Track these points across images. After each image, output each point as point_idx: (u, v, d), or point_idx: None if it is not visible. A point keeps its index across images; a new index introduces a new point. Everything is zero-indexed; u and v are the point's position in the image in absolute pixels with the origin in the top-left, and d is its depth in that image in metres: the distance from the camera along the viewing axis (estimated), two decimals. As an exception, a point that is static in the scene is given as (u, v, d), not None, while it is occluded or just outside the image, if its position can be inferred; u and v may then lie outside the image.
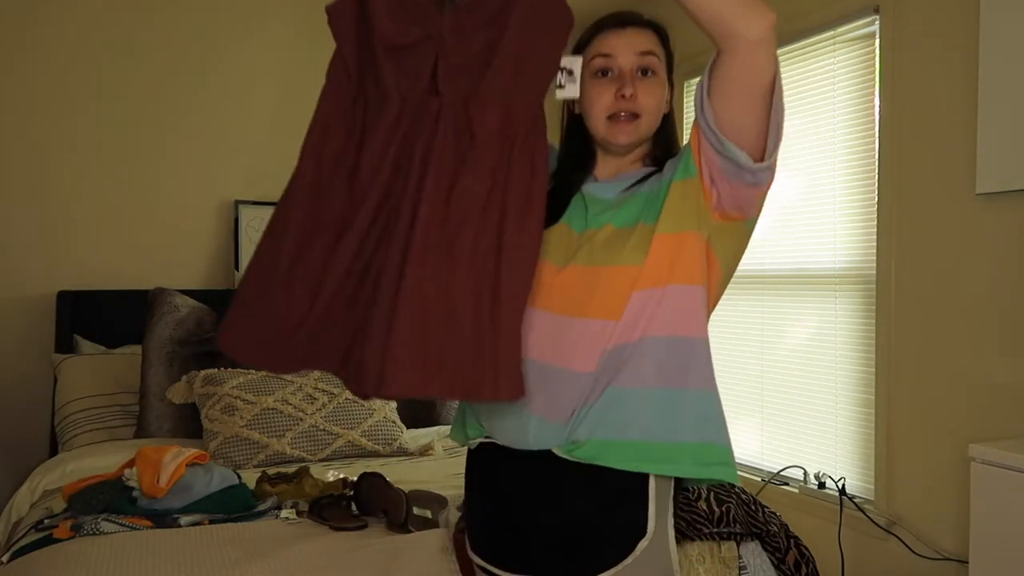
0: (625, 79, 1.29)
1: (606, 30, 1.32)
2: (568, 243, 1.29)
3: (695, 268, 1.23)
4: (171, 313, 2.93)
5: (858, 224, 2.78)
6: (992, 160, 2.27)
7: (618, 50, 1.30)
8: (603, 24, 1.34)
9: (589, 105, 1.32)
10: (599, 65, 1.31)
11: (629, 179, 1.33)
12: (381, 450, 2.68)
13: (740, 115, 1.18)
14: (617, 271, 1.22)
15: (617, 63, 1.30)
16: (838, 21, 2.80)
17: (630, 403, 1.21)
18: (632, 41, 1.31)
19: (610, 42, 1.31)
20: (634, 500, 1.22)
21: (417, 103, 1.23)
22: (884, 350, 2.65)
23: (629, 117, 1.29)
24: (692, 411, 1.21)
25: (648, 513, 1.22)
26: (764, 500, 2.86)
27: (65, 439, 2.77)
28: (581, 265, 1.25)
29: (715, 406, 1.23)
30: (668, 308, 1.21)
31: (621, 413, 1.21)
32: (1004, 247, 2.31)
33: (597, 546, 1.22)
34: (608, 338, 1.21)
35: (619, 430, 1.20)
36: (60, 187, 3.21)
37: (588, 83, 1.32)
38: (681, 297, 1.22)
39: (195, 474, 1.97)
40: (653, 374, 1.21)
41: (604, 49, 1.31)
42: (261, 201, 3.51)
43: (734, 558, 1.84)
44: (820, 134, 2.91)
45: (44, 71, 3.19)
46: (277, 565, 1.62)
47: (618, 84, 1.29)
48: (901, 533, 2.59)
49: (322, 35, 3.96)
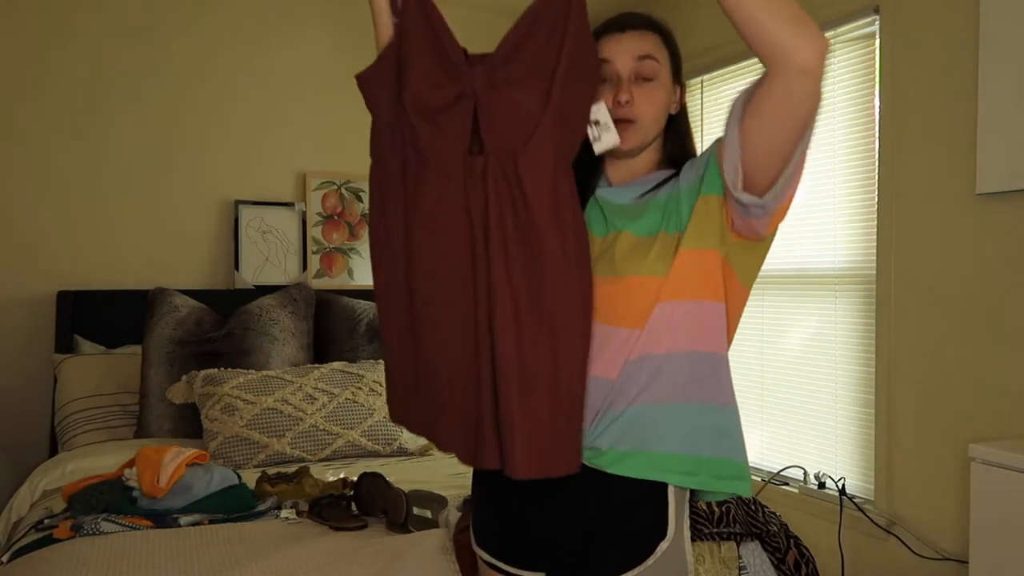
0: (622, 85, 1.28)
1: (605, 35, 1.31)
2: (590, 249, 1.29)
3: (717, 285, 1.23)
4: (171, 313, 2.93)
5: (858, 224, 2.78)
6: (992, 160, 2.27)
7: (616, 55, 1.29)
8: (603, 29, 1.33)
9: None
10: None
11: (645, 184, 1.32)
12: (381, 450, 2.68)
13: (767, 137, 1.14)
14: (640, 281, 1.22)
15: (615, 68, 1.29)
16: (838, 21, 2.80)
17: (655, 418, 1.21)
18: (631, 46, 1.29)
19: (609, 47, 1.30)
20: (654, 502, 1.23)
21: (461, 164, 1.21)
22: (884, 350, 2.65)
23: (625, 124, 1.28)
24: (713, 426, 1.22)
25: (668, 515, 1.23)
26: (764, 500, 2.86)
27: (65, 439, 2.76)
28: (602, 275, 1.25)
29: (735, 422, 1.24)
30: (692, 322, 1.21)
31: (645, 427, 1.21)
32: (1004, 247, 2.31)
33: (616, 547, 1.23)
34: (632, 347, 1.21)
35: (641, 443, 1.21)
36: (60, 187, 3.21)
37: None
38: (705, 313, 1.22)
39: (195, 474, 1.97)
40: (679, 390, 1.21)
41: (603, 54, 1.30)
42: (261, 201, 3.52)
43: (734, 558, 1.84)
44: (820, 134, 2.91)
45: (44, 73, 3.19)
46: (277, 565, 1.62)
47: (615, 91, 1.28)
48: (901, 533, 2.59)
49: (322, 34, 3.95)
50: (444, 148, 1.21)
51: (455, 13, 3.93)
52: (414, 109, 1.22)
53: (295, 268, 3.57)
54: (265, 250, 3.51)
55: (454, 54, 1.22)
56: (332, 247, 3.64)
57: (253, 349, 2.94)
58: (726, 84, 3.38)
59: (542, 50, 1.17)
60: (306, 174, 3.61)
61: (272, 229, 3.53)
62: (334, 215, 3.65)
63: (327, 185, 3.63)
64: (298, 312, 3.16)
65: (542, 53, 1.17)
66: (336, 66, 3.68)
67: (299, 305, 3.18)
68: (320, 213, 3.62)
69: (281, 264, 3.54)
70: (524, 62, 1.18)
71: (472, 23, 3.96)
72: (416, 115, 1.22)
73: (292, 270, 3.56)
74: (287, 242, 3.56)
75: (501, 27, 3.91)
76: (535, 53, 1.17)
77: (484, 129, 1.20)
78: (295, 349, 3.08)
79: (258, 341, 2.96)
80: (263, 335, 2.99)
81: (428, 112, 1.22)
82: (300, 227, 3.58)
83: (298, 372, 2.80)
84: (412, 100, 1.22)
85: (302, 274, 3.57)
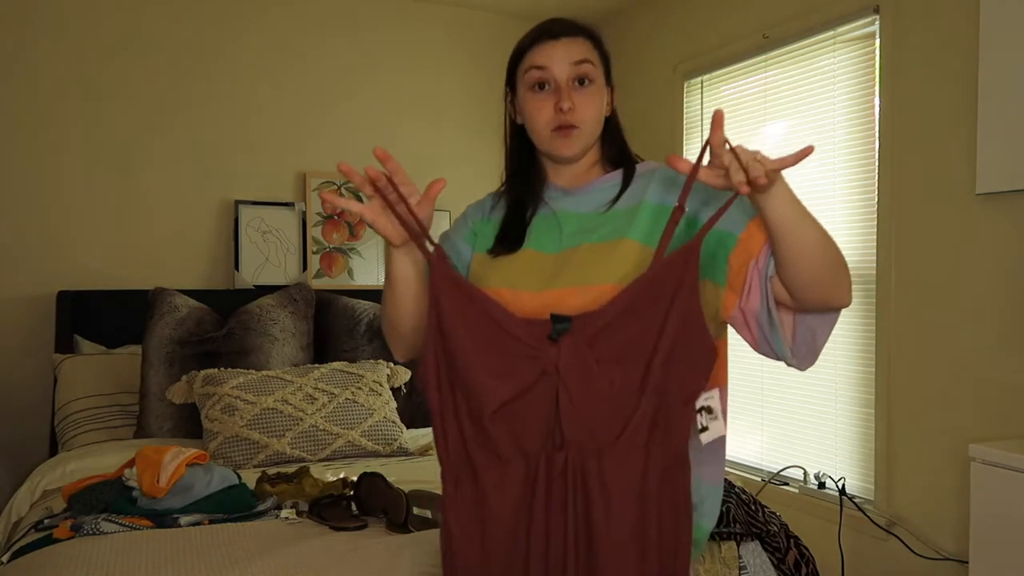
0: (562, 92, 1.27)
1: (539, 42, 1.30)
2: (541, 267, 1.28)
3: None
4: (171, 313, 2.93)
5: (858, 224, 2.78)
6: (992, 160, 2.27)
7: (552, 61, 1.28)
8: (536, 35, 1.31)
9: (530, 120, 1.31)
10: (535, 78, 1.29)
11: (600, 191, 1.33)
12: (381, 450, 2.68)
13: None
14: (614, 289, 1.21)
15: (552, 74, 1.28)
16: (838, 21, 2.80)
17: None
18: (566, 51, 1.28)
19: (544, 53, 1.29)
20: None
21: (538, 460, 1.09)
22: (884, 350, 2.65)
23: (569, 130, 1.28)
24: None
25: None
26: (764, 500, 2.86)
27: (65, 439, 2.77)
28: (561, 288, 1.23)
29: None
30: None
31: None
32: (1004, 247, 2.31)
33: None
34: None
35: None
36: (60, 187, 3.21)
37: (526, 97, 1.31)
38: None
39: (195, 474, 1.97)
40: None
41: (538, 61, 1.29)
42: (261, 201, 3.52)
43: (734, 558, 1.84)
44: (820, 134, 2.91)
45: (44, 72, 3.19)
46: (277, 565, 1.62)
47: (556, 96, 1.28)
48: (901, 533, 2.59)
49: (322, 32, 3.94)
50: (519, 444, 1.09)
51: (455, 13, 3.94)
52: (488, 410, 1.09)
53: (295, 268, 3.57)
54: (265, 250, 3.51)
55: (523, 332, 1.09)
56: (332, 247, 3.64)
57: (253, 349, 2.94)
58: (726, 84, 3.38)
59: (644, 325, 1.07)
60: (306, 174, 3.61)
61: (272, 229, 3.53)
62: (334, 215, 3.65)
63: (327, 185, 3.63)
64: (298, 312, 3.16)
65: (639, 335, 1.07)
66: (336, 66, 3.68)
67: (299, 305, 3.18)
68: (320, 213, 3.62)
69: (281, 264, 3.54)
70: (615, 343, 1.07)
71: (472, 23, 3.97)
72: (489, 416, 1.09)
73: (292, 270, 3.56)
74: (287, 242, 3.56)
75: (501, 27, 3.91)
76: (630, 334, 1.07)
77: (564, 418, 1.07)
78: (295, 349, 3.08)
79: (258, 341, 2.96)
80: (263, 335, 2.99)
81: (504, 407, 1.09)
82: (300, 227, 3.58)
83: (298, 372, 2.80)
84: (483, 401, 1.09)
85: (302, 274, 3.57)
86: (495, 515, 1.11)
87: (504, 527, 1.10)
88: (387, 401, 2.82)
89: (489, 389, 1.08)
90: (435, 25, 3.88)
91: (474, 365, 1.08)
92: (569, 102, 1.27)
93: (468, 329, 1.09)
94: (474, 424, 1.11)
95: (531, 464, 1.09)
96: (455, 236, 1.42)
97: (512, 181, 1.39)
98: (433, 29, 3.88)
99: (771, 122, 3.14)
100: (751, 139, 3.19)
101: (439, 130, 3.89)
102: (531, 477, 1.09)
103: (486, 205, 1.43)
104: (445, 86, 3.90)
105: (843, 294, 1.15)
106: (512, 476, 1.10)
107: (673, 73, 3.62)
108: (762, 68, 3.17)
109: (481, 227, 1.40)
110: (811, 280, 1.12)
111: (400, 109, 3.81)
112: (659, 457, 1.08)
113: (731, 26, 3.31)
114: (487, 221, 1.40)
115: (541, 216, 1.35)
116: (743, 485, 2.13)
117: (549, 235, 1.32)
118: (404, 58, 3.82)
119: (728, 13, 3.32)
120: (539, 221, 1.35)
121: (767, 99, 3.15)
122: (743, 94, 3.28)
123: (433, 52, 3.88)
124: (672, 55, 3.63)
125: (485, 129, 3.93)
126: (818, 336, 1.20)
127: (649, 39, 3.76)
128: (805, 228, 1.10)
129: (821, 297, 1.14)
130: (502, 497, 1.10)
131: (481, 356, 1.09)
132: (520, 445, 1.09)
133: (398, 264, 1.22)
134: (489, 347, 1.09)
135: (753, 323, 1.20)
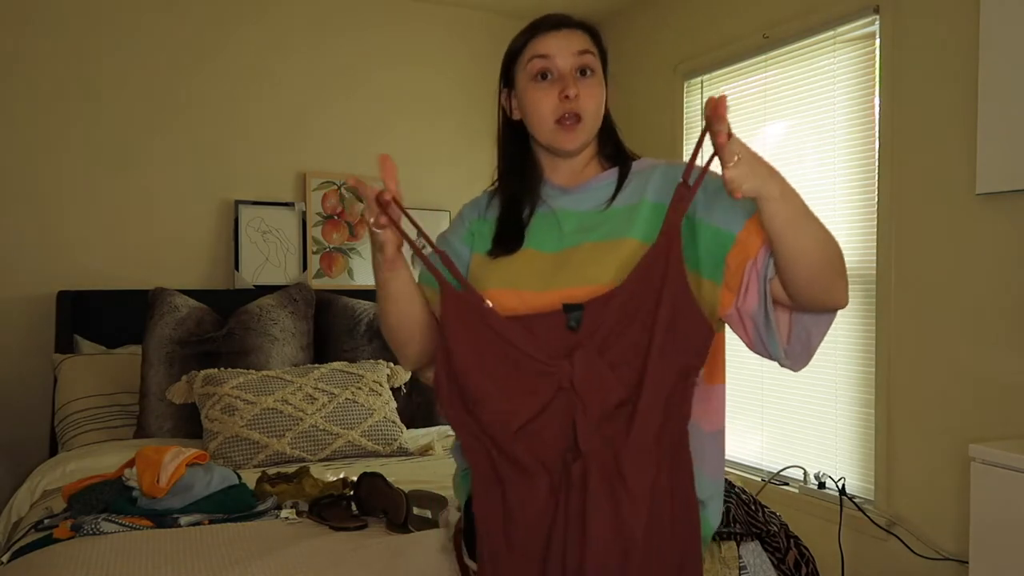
0: (567, 80, 1.27)
1: (541, 32, 1.31)
2: (542, 267, 1.28)
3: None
4: (171, 313, 2.93)
5: (858, 224, 2.78)
6: (992, 160, 2.27)
7: (556, 51, 1.28)
8: (538, 26, 1.32)
9: (533, 110, 1.30)
10: (538, 67, 1.29)
11: (598, 188, 1.33)
12: (381, 450, 2.68)
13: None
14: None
15: (556, 64, 1.28)
16: (838, 21, 2.80)
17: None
18: (568, 42, 1.29)
19: (547, 43, 1.29)
20: None
21: (556, 471, 1.11)
22: (884, 350, 2.65)
23: (574, 121, 1.28)
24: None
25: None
26: (764, 500, 2.86)
27: (65, 439, 2.76)
28: (563, 287, 1.23)
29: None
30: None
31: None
32: (1004, 247, 2.31)
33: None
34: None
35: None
36: (60, 187, 3.21)
37: (528, 87, 1.30)
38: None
39: (195, 474, 1.97)
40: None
41: (541, 50, 1.29)
42: (261, 201, 3.52)
43: (734, 558, 1.84)
44: (820, 134, 2.91)
45: (44, 72, 3.19)
46: (277, 565, 1.62)
47: (560, 85, 1.27)
48: (901, 533, 2.59)
49: (322, 31, 3.93)
50: (539, 457, 1.11)
51: (455, 13, 3.94)
52: (508, 430, 1.11)
53: (295, 268, 3.57)
54: (265, 250, 3.51)
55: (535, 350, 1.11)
56: (332, 247, 3.64)
57: (253, 349, 2.94)
58: (726, 84, 3.38)
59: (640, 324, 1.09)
60: (306, 174, 3.61)
61: (272, 229, 3.53)
62: (334, 215, 3.65)
63: (327, 185, 3.63)
64: (298, 312, 3.16)
65: (647, 336, 1.09)
66: (336, 65, 3.68)
67: (299, 305, 3.18)
68: (320, 213, 3.62)
69: (281, 264, 3.54)
70: (622, 345, 1.10)
71: (472, 23, 3.96)
72: (510, 436, 1.11)
73: (292, 270, 3.56)
74: (287, 242, 3.56)
75: (500, 27, 3.91)
76: (637, 335, 1.09)
77: (580, 428, 1.10)
78: (295, 349, 3.08)
79: (258, 341, 2.96)
80: (263, 335, 2.98)
81: (524, 425, 1.11)
82: (300, 227, 3.58)
83: (298, 372, 2.80)
84: (501, 423, 1.10)
85: (302, 274, 3.57)
86: (519, 525, 1.12)
87: (529, 534, 1.12)
88: (387, 401, 2.82)
89: (507, 413, 1.10)
90: (434, 25, 3.88)
91: (489, 390, 1.11)
92: (575, 89, 1.27)
93: (480, 355, 1.12)
94: (496, 445, 1.12)
95: (554, 477, 1.11)
96: (453, 238, 1.42)
97: (506, 179, 1.39)
98: (433, 29, 3.88)
99: (771, 122, 3.14)
100: (751, 139, 3.19)
101: (439, 130, 3.89)
102: (555, 488, 1.11)
103: (481, 204, 1.43)
104: (445, 86, 3.90)
105: (840, 295, 1.15)
106: (537, 488, 1.12)
107: (673, 73, 3.62)
108: (762, 68, 3.17)
109: (478, 227, 1.40)
110: (808, 280, 1.12)
111: (400, 109, 3.81)
112: (667, 443, 1.11)
113: (731, 26, 3.31)
114: (483, 220, 1.40)
115: (540, 215, 1.35)
116: (743, 485, 2.13)
117: (549, 234, 1.32)
118: (404, 58, 3.82)
119: (728, 13, 3.32)
120: (538, 220, 1.34)
121: (767, 99, 3.15)
122: (743, 94, 3.28)
123: (433, 52, 3.89)
124: (672, 55, 3.63)
125: (484, 129, 3.93)
126: (813, 337, 1.20)
127: (649, 39, 3.76)
128: (804, 229, 1.10)
129: (818, 297, 1.14)
130: (525, 512, 1.12)
131: (494, 379, 1.11)
132: (540, 459, 1.11)
133: (397, 280, 1.23)
134: (501, 367, 1.11)
135: (749, 323, 1.20)
